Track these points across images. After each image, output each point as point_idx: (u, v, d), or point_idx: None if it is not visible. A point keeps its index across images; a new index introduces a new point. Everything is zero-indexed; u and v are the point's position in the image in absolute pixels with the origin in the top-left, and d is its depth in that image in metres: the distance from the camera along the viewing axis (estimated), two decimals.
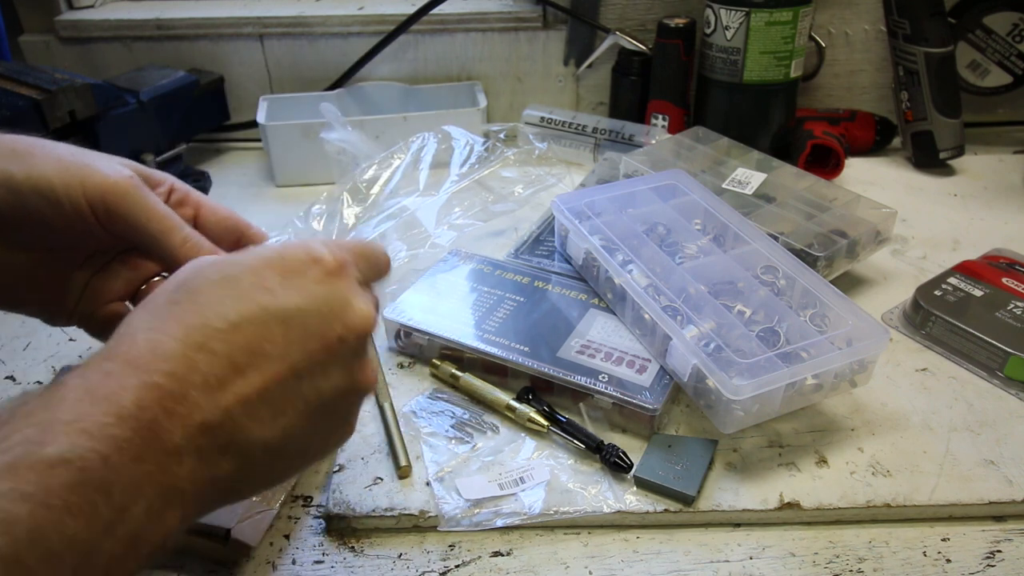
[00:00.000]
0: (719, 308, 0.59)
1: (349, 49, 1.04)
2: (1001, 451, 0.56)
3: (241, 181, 0.99)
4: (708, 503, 0.52)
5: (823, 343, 0.56)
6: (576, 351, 0.61)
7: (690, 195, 0.72)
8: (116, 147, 0.87)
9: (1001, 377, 0.62)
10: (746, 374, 0.52)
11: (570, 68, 1.06)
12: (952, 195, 0.93)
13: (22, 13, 1.03)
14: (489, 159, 0.86)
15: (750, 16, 0.88)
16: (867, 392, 0.61)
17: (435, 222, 0.79)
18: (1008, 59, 0.98)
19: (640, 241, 0.66)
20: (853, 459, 0.55)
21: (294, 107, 1.01)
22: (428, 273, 0.72)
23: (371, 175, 0.82)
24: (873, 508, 0.52)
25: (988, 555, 0.50)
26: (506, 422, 0.58)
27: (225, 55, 1.04)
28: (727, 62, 0.92)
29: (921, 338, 0.67)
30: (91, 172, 0.43)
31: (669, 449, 0.55)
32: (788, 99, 0.96)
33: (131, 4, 1.08)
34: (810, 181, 0.79)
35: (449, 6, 1.01)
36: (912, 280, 0.74)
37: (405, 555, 0.50)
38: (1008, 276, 0.70)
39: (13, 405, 0.31)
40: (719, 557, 0.50)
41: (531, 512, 0.51)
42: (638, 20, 1.03)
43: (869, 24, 1.03)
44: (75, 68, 1.00)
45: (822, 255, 0.68)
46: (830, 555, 0.50)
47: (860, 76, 1.06)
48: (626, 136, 0.96)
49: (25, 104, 0.77)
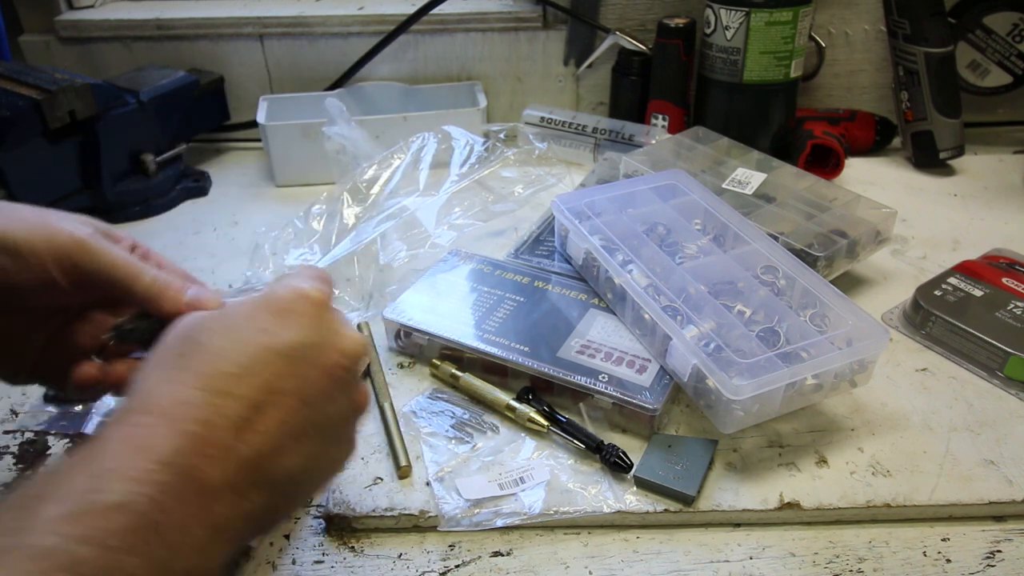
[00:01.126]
0: (719, 308, 0.59)
1: (349, 49, 1.04)
2: (1001, 451, 0.56)
3: (241, 181, 0.99)
4: (708, 503, 0.52)
5: (823, 343, 0.56)
6: (576, 351, 0.61)
7: (690, 195, 0.72)
8: (116, 147, 0.87)
9: (1001, 377, 0.62)
10: (746, 374, 0.52)
11: (570, 68, 1.06)
12: (952, 195, 0.93)
13: (22, 13, 1.03)
14: (489, 159, 0.86)
15: (750, 16, 0.88)
16: (867, 392, 0.61)
17: (435, 222, 0.79)
18: (1008, 59, 0.98)
19: (640, 241, 0.66)
20: (853, 459, 0.55)
21: (294, 107, 1.01)
22: (428, 273, 0.72)
23: (371, 175, 0.82)
24: (873, 508, 0.52)
25: (988, 555, 0.50)
26: (506, 422, 0.58)
27: (225, 55, 1.04)
28: (727, 62, 0.92)
29: (921, 338, 0.67)
30: (55, 231, 0.43)
31: (669, 449, 0.55)
32: (788, 99, 0.96)
33: (131, 4, 1.08)
34: (810, 181, 0.79)
35: (449, 6, 1.01)
36: (912, 280, 0.74)
37: (405, 555, 0.50)
38: (1008, 276, 0.70)
39: (56, 463, 0.34)
40: (719, 557, 0.50)
41: (531, 512, 0.51)
42: (638, 20, 1.03)
43: (869, 24, 1.03)
44: (75, 68, 1.00)
45: (822, 255, 0.68)
46: (830, 555, 0.50)
47: (860, 76, 1.06)
48: (626, 136, 0.96)
49: (25, 104, 0.77)
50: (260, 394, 0.36)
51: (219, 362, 0.36)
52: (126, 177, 0.90)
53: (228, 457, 0.34)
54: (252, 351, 0.36)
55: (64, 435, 0.59)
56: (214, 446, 0.33)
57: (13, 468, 0.56)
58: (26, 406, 0.62)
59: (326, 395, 0.38)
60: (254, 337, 0.37)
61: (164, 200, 0.92)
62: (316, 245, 0.77)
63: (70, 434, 0.59)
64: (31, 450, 0.58)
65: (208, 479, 0.33)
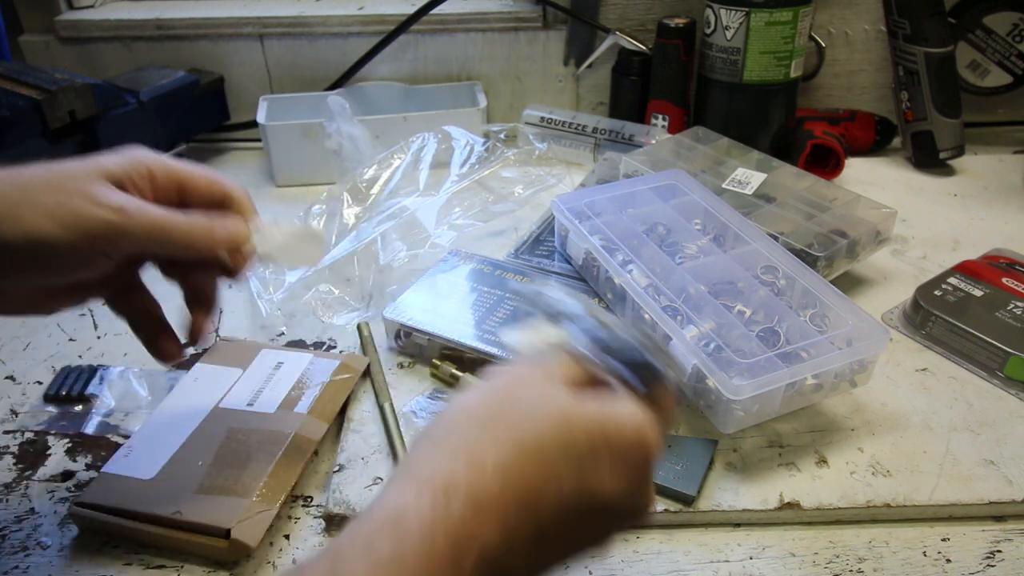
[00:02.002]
0: (719, 308, 0.59)
1: (349, 49, 1.04)
2: (1001, 451, 0.56)
3: (241, 181, 0.97)
4: (708, 503, 0.52)
5: (823, 343, 0.56)
6: None
7: (690, 195, 0.72)
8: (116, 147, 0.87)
9: (1001, 377, 0.62)
10: (746, 374, 0.52)
11: (570, 68, 1.06)
12: (952, 195, 0.93)
13: (22, 13, 1.03)
14: (489, 159, 0.86)
15: (750, 16, 0.88)
16: (867, 392, 0.61)
17: (435, 222, 0.79)
18: (1008, 59, 0.98)
19: (640, 241, 0.66)
20: (853, 459, 0.55)
21: (294, 107, 1.01)
22: (428, 273, 0.72)
23: (371, 175, 0.82)
24: (873, 508, 0.52)
25: (988, 555, 0.50)
26: None
27: (225, 55, 1.04)
28: (727, 62, 0.92)
29: (921, 338, 0.67)
30: (86, 220, 0.42)
31: (669, 449, 0.55)
32: (788, 99, 0.96)
33: (131, 4, 1.08)
34: (810, 181, 0.79)
35: (449, 6, 1.01)
36: (912, 280, 0.74)
37: None
38: (1008, 276, 0.70)
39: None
40: (719, 557, 0.50)
41: None
42: (638, 20, 1.03)
43: (869, 24, 1.03)
44: (75, 68, 1.00)
45: (822, 255, 0.68)
46: (830, 555, 0.50)
47: (860, 76, 1.06)
48: (626, 136, 0.96)
49: (25, 104, 0.77)
50: (553, 533, 0.34)
51: (546, 494, 0.34)
52: None
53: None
54: (569, 493, 0.34)
55: (64, 435, 0.59)
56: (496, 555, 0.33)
57: (13, 468, 0.56)
58: (26, 406, 0.62)
59: (598, 538, 0.38)
60: (579, 475, 0.35)
61: None
62: None
63: (70, 434, 0.59)
64: (31, 450, 0.58)
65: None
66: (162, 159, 0.48)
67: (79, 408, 0.61)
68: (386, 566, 0.30)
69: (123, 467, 0.52)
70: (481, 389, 0.37)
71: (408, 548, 0.31)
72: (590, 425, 0.35)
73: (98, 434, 0.59)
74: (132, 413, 0.60)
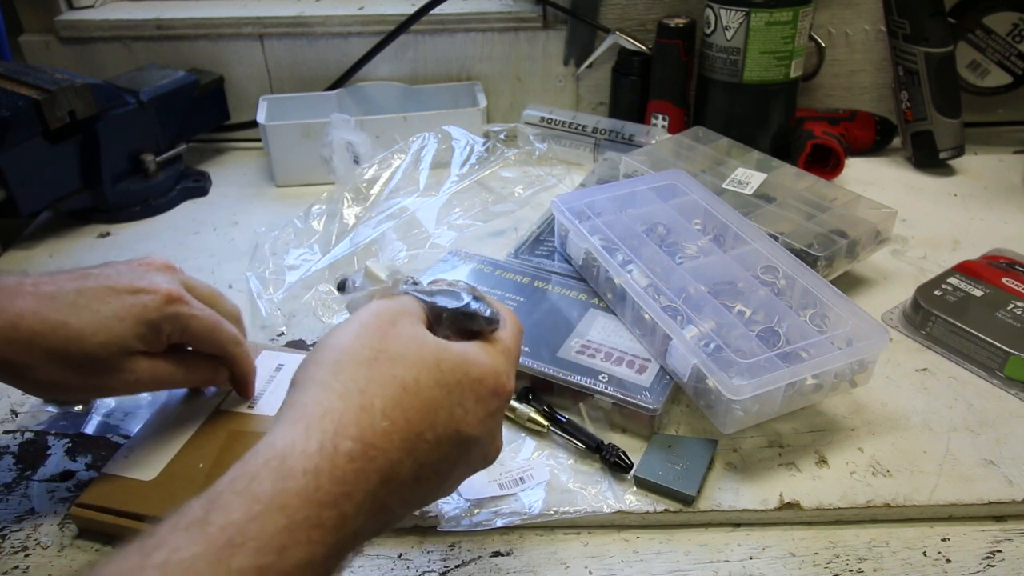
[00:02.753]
0: (719, 308, 0.59)
1: (349, 49, 1.04)
2: (1001, 451, 0.56)
3: (241, 181, 0.99)
4: (708, 503, 0.52)
5: (823, 343, 0.56)
6: (576, 351, 0.61)
7: (690, 195, 0.72)
8: (116, 147, 0.87)
9: (1001, 377, 0.62)
10: (746, 374, 0.52)
11: (570, 68, 1.06)
12: (952, 195, 0.93)
13: (22, 13, 1.03)
14: (489, 159, 0.86)
15: (750, 16, 0.88)
16: (867, 392, 0.61)
17: (435, 222, 0.79)
18: (1008, 59, 0.98)
19: (640, 241, 0.66)
20: (853, 459, 0.55)
21: (294, 107, 1.01)
22: (428, 273, 0.72)
23: (371, 175, 0.82)
24: (873, 508, 0.52)
25: (988, 555, 0.50)
26: (506, 422, 0.58)
27: (225, 55, 1.04)
28: (727, 62, 0.92)
29: (921, 338, 0.67)
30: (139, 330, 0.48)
31: (669, 449, 0.55)
32: (788, 99, 0.96)
33: (131, 4, 1.08)
34: (810, 181, 0.79)
35: (449, 6, 1.01)
36: (912, 280, 0.74)
37: (405, 555, 0.50)
38: (1008, 276, 0.70)
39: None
40: (719, 557, 0.50)
41: (531, 512, 0.51)
42: (638, 20, 1.03)
43: (869, 24, 1.03)
44: (75, 68, 1.00)
45: (822, 255, 0.68)
46: (830, 555, 0.50)
47: (860, 76, 1.06)
48: (626, 136, 0.96)
49: (25, 104, 0.77)
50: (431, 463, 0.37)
51: (401, 405, 0.37)
52: (126, 177, 0.90)
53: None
54: (442, 432, 0.38)
55: (64, 435, 0.59)
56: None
57: (13, 468, 0.56)
58: (26, 406, 0.62)
59: (461, 475, 0.42)
60: (450, 415, 0.38)
61: (164, 200, 0.92)
62: (316, 245, 0.77)
63: (70, 434, 0.59)
64: (31, 450, 0.58)
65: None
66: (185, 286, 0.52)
67: (79, 408, 0.61)
68: (265, 503, 0.31)
69: (123, 468, 0.52)
70: (351, 328, 0.39)
71: (291, 486, 0.31)
72: (456, 366, 0.39)
73: (98, 434, 0.59)
74: (132, 413, 0.60)
